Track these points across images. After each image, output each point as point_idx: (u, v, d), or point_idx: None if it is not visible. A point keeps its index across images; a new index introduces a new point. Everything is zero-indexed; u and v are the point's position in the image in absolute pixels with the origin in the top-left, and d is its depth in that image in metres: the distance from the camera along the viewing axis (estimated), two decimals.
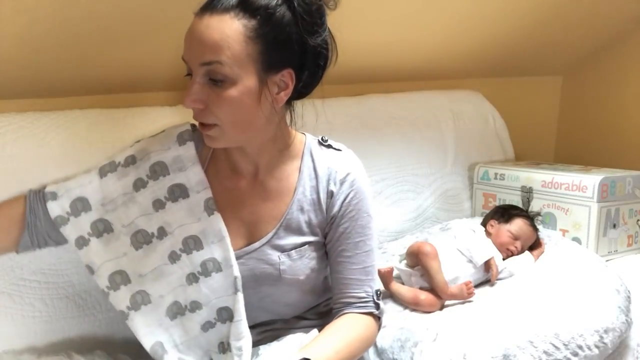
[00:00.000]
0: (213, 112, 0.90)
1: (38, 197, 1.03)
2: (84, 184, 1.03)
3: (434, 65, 1.83)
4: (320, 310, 1.10)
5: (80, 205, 1.02)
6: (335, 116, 1.35)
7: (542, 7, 1.71)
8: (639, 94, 1.99)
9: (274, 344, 1.02)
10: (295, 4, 0.88)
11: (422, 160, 1.76)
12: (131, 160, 1.04)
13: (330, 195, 1.01)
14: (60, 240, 1.04)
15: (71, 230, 1.01)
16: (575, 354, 1.14)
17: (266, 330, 1.05)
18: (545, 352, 1.12)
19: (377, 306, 1.02)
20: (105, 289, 1.01)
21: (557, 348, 1.13)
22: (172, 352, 1.01)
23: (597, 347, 1.16)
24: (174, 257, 1.00)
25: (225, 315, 1.00)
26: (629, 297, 1.29)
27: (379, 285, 1.05)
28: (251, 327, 1.00)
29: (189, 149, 1.03)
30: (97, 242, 1.01)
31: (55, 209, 1.01)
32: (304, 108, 1.06)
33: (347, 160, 1.04)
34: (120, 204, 1.02)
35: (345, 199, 1.01)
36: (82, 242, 1.01)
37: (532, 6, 1.69)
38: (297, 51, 0.91)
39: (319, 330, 1.01)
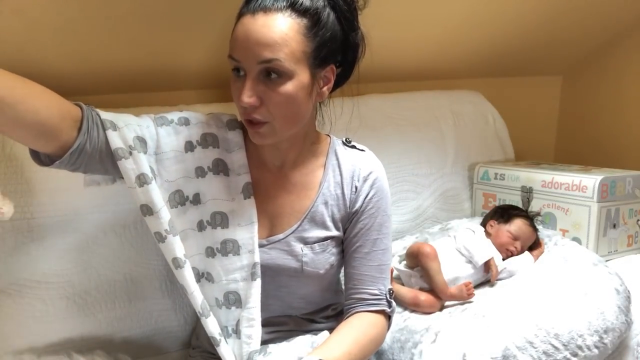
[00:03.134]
0: (268, 108, 0.92)
1: (93, 118, 0.91)
2: (142, 125, 0.97)
3: (434, 65, 1.83)
4: (329, 314, 1.12)
5: (138, 145, 0.95)
6: (334, 116, 1.35)
7: (542, 7, 1.71)
8: (639, 94, 1.99)
9: (284, 343, 1.04)
10: (337, 4, 0.95)
11: (422, 160, 1.75)
12: (185, 122, 1.03)
13: (355, 190, 1.04)
14: (94, 170, 0.95)
15: (132, 166, 0.93)
16: (575, 355, 1.14)
17: (277, 331, 1.06)
18: (544, 353, 1.12)
19: (389, 304, 1.04)
20: (164, 232, 0.96)
21: (556, 349, 1.13)
22: (210, 316, 1.01)
23: (596, 347, 1.16)
24: (201, 226, 1.02)
25: (232, 299, 1.01)
26: (629, 297, 1.29)
27: (391, 284, 1.07)
28: (262, 326, 1.02)
29: (238, 135, 1.06)
30: (154, 184, 0.96)
31: (116, 140, 0.92)
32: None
33: (370, 160, 1.08)
34: (171, 158, 1.00)
35: (367, 196, 1.04)
36: (143, 180, 0.94)
37: (532, 6, 1.69)
38: (339, 48, 0.98)
39: (330, 332, 1.02)
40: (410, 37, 1.63)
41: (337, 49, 0.98)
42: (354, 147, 1.10)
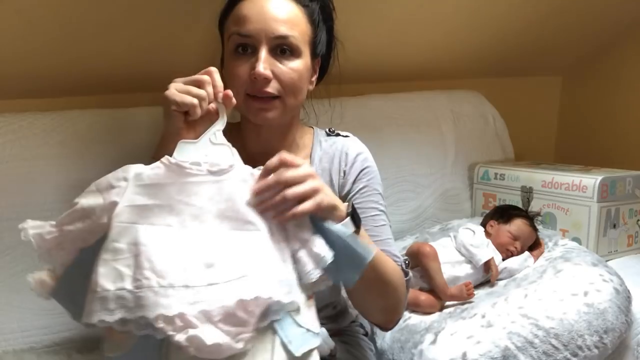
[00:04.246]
0: (280, 82, 0.95)
1: None
2: None
3: (434, 65, 1.83)
4: (329, 313, 1.11)
5: None
6: (334, 116, 1.36)
7: (542, 7, 1.71)
8: (639, 94, 1.99)
9: None
10: (326, 6, 1.03)
11: (422, 160, 1.75)
12: None
13: (343, 174, 1.04)
14: None
15: None
16: (575, 355, 1.14)
17: None
18: (544, 353, 1.12)
19: (406, 274, 0.99)
20: None
21: (556, 349, 1.13)
22: None
23: (596, 347, 1.17)
24: None
25: None
26: (629, 297, 1.29)
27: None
28: None
29: None
30: None
31: None
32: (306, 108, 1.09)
33: (355, 143, 1.08)
34: None
35: (357, 177, 1.04)
36: None
37: (532, 6, 1.69)
38: (325, 43, 1.04)
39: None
40: (411, 37, 1.63)
41: (322, 45, 1.04)
42: (338, 134, 1.10)
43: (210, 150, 0.80)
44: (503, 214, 1.54)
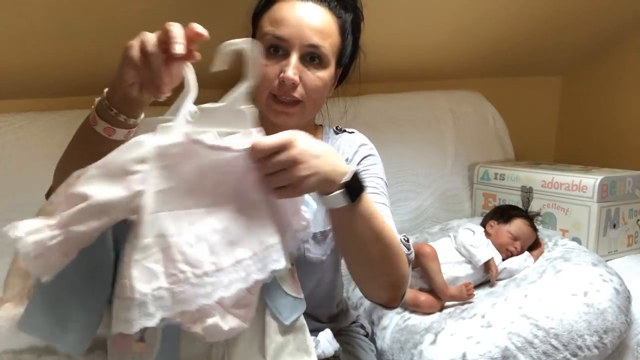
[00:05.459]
0: (305, 88, 0.97)
1: None
2: None
3: (434, 65, 1.83)
4: (332, 312, 1.11)
5: None
6: (334, 116, 1.36)
7: (542, 7, 1.71)
8: (638, 94, 1.99)
9: None
10: (357, 17, 1.06)
11: (422, 160, 1.76)
12: None
13: (345, 162, 1.03)
14: None
15: None
16: (575, 355, 1.14)
17: None
18: (544, 353, 1.12)
19: (407, 248, 0.96)
20: None
21: (556, 349, 1.13)
22: None
23: (596, 347, 1.17)
24: None
25: None
26: (628, 297, 1.29)
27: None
28: None
29: None
30: None
31: None
32: None
33: (358, 137, 1.11)
34: None
35: (359, 163, 1.06)
36: None
37: (532, 6, 1.69)
38: (348, 55, 1.07)
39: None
40: (411, 37, 1.63)
41: (347, 56, 1.06)
42: (344, 131, 1.13)
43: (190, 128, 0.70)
44: (503, 214, 1.54)
